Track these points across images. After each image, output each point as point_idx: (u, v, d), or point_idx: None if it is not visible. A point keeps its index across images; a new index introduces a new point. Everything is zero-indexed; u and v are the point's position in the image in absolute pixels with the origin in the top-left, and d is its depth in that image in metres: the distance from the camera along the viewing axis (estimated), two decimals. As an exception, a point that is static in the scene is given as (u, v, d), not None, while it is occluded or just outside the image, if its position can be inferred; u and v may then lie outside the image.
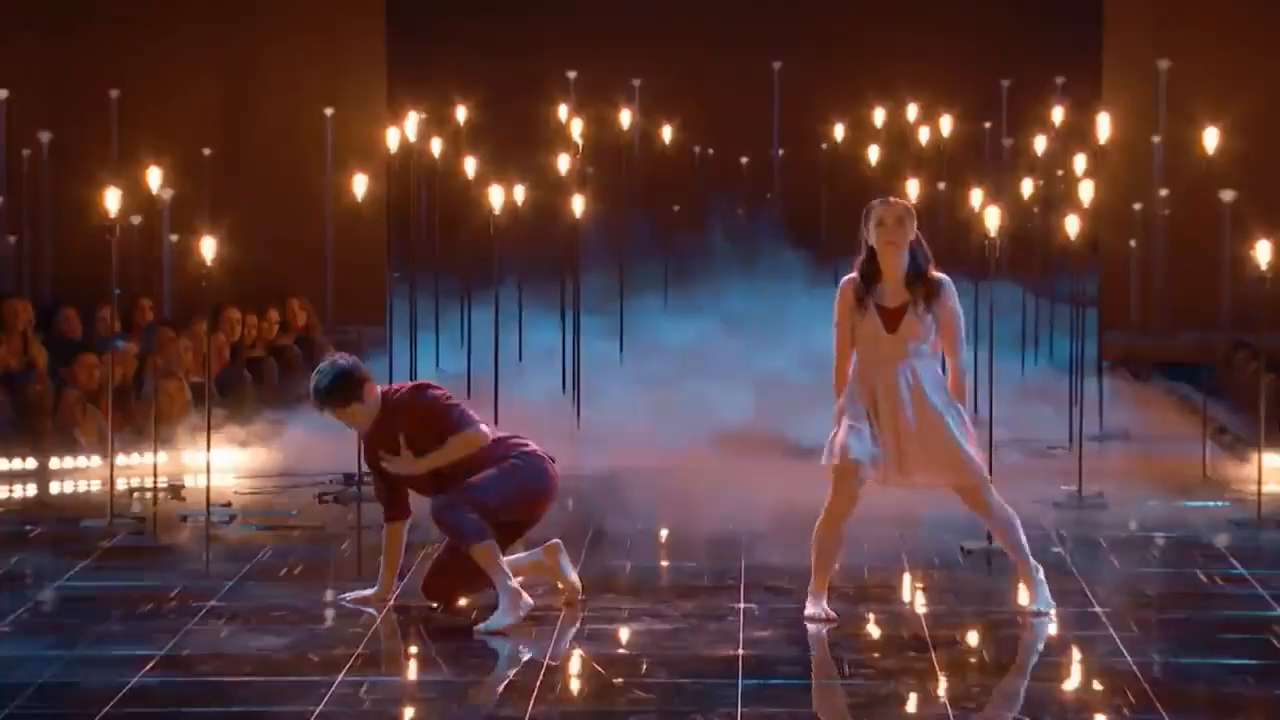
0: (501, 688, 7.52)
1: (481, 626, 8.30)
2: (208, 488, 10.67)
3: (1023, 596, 9.10)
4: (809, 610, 8.39)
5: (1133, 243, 16.85)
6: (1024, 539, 8.53)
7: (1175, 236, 16.68)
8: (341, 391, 8.63)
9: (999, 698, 7.39)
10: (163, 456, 11.29)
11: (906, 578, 9.40)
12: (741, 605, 8.72)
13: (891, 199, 8.53)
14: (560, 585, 8.85)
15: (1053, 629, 8.55)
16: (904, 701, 7.37)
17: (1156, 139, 16.71)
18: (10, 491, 11.71)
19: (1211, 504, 11.24)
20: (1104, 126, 13.90)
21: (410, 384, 8.96)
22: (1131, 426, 13.68)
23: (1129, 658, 7.89)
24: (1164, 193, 16.70)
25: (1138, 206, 16.74)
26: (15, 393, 12.60)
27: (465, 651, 8.12)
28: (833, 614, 8.39)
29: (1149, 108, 16.57)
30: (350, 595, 8.87)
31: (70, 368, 12.95)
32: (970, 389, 8.70)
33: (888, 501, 11.01)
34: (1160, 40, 16.58)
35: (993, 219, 10.84)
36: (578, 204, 14.18)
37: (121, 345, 12.53)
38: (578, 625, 8.44)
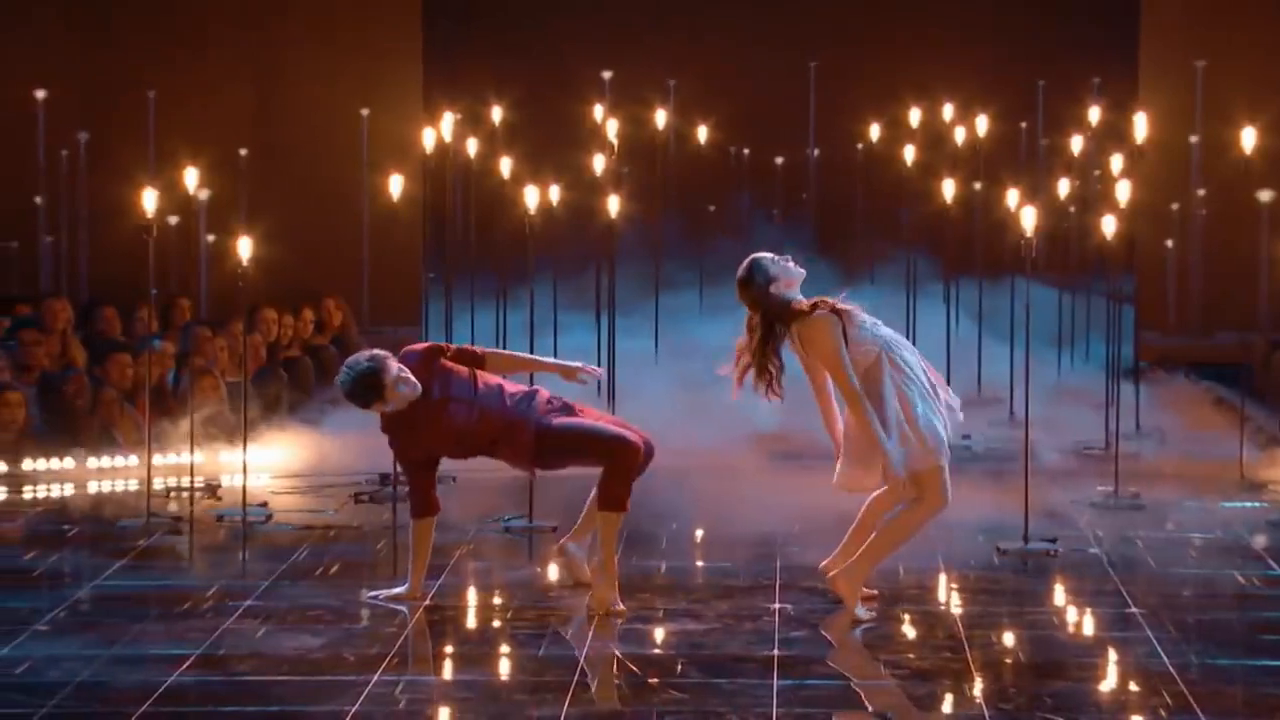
0: (536, 687, 7.52)
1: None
2: (244, 487, 10.69)
3: (1059, 597, 9.08)
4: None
5: (1170, 243, 16.80)
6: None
7: (1212, 236, 16.63)
8: (360, 397, 8.64)
9: (1035, 698, 7.38)
10: (199, 456, 11.32)
11: (942, 578, 9.38)
12: (777, 606, 8.71)
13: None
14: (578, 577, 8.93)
15: (1089, 629, 8.53)
16: (940, 702, 7.36)
17: (1194, 139, 16.65)
18: (49, 491, 11.75)
19: (1248, 504, 11.20)
20: (1141, 126, 13.85)
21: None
22: (1168, 427, 13.63)
23: (1166, 658, 7.87)
24: (1201, 193, 16.64)
25: (1175, 206, 16.69)
26: (54, 392, 12.65)
27: (500, 651, 8.13)
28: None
29: (1186, 107, 16.52)
30: (382, 593, 8.88)
31: (104, 367, 13.00)
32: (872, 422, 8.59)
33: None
34: (1197, 40, 16.53)
35: (1029, 219, 10.80)
36: (613, 204, 14.17)
37: (158, 345, 12.57)
38: (613, 625, 8.44)
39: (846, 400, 8.37)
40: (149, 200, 10.78)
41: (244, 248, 10.55)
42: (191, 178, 12.88)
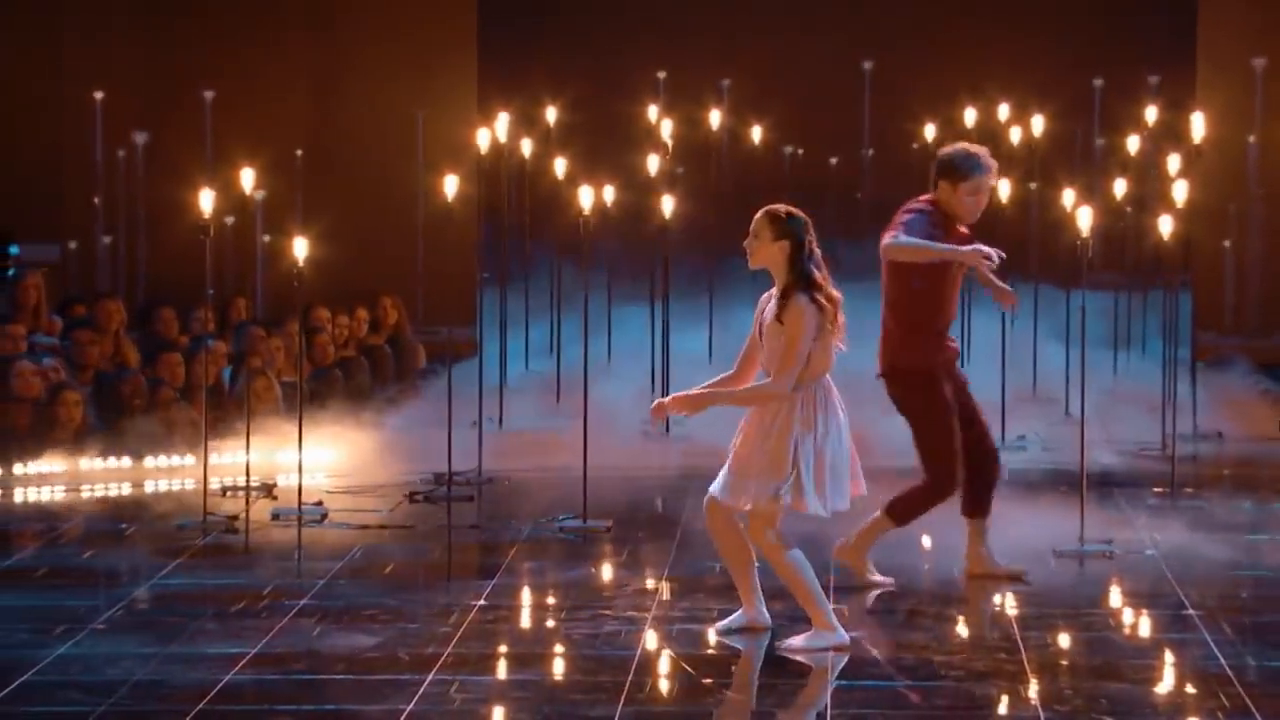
0: (591, 687, 7.53)
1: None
2: (299, 487, 10.73)
3: (1115, 598, 9.05)
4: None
5: (1227, 243, 16.71)
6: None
7: (1270, 237, 16.52)
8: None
9: (1091, 700, 7.35)
10: (255, 456, 11.36)
11: (996, 579, 9.35)
12: (832, 606, 8.70)
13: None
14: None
15: (1145, 631, 8.49)
16: (995, 703, 7.34)
17: (1251, 139, 16.55)
18: (106, 490, 11.82)
19: (1307, 506, 11.13)
20: (1198, 126, 13.79)
21: None
22: (1225, 428, 13.56)
23: (1222, 660, 7.83)
24: (1259, 192, 16.55)
25: (1232, 206, 16.60)
26: (110, 392, 12.72)
27: (554, 651, 8.14)
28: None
29: (1244, 107, 16.42)
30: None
31: (154, 367, 13.06)
32: (754, 398, 8.05)
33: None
34: (1256, 38, 16.43)
35: (1085, 219, 10.76)
36: (667, 204, 14.18)
37: (211, 344, 12.63)
38: (667, 625, 8.45)
39: (777, 379, 7.94)
40: (206, 201, 10.82)
41: (300, 248, 10.59)
42: (248, 178, 12.93)
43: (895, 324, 8.95)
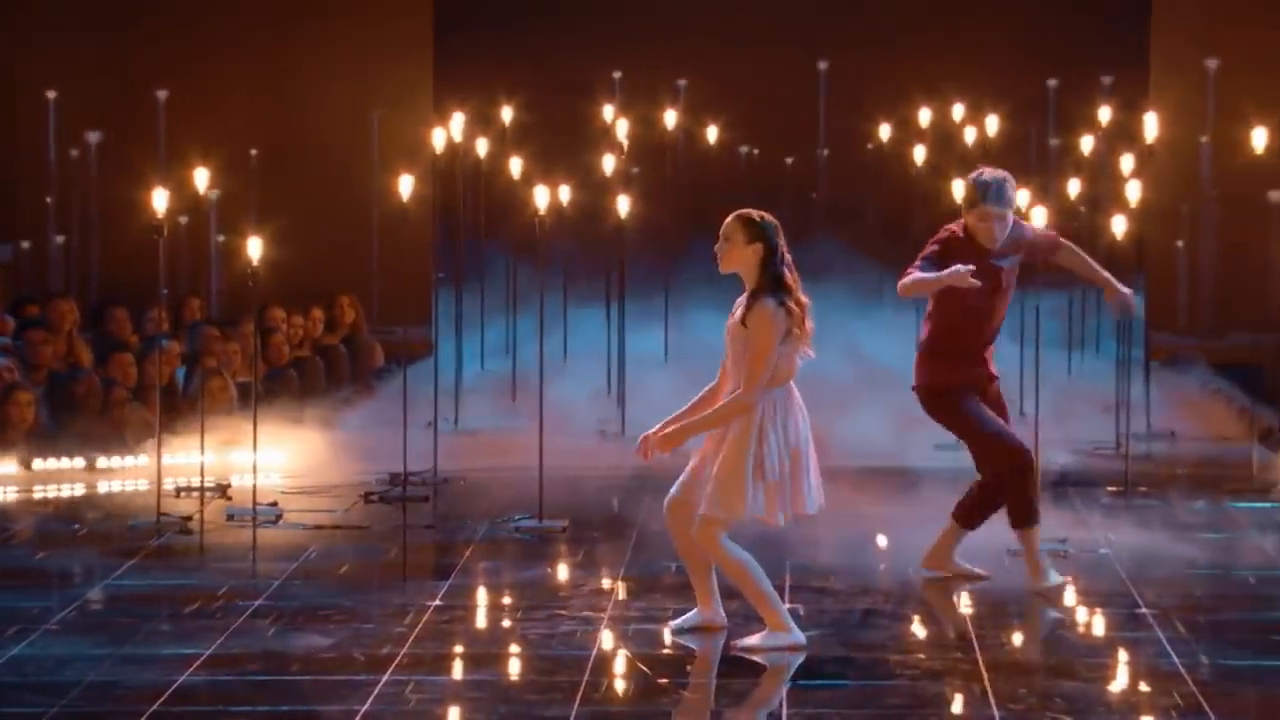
0: (547, 687, 7.52)
1: None
2: (254, 487, 10.70)
3: (1070, 597, 9.08)
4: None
5: (1180, 243, 16.78)
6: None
7: (1223, 237, 16.60)
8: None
9: (1045, 698, 7.37)
10: (209, 456, 11.32)
11: (952, 578, 9.37)
12: (787, 606, 8.70)
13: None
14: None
15: (1100, 629, 8.52)
16: (950, 702, 7.36)
17: (1204, 139, 16.63)
18: (59, 490, 11.76)
19: (1259, 505, 11.18)
20: (1151, 126, 13.85)
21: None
22: (1179, 427, 13.62)
23: (1176, 659, 7.86)
24: (1212, 193, 16.62)
25: (1185, 206, 16.67)
26: (63, 392, 12.66)
27: (510, 651, 8.13)
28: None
29: (1197, 107, 16.49)
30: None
31: (106, 367, 13.01)
32: (730, 414, 7.93)
33: (931, 502, 11.00)
34: (1209, 39, 16.50)
35: (1039, 219, 10.80)
36: (623, 204, 14.18)
37: (165, 344, 12.58)
38: (623, 625, 8.44)
39: (743, 389, 7.87)
40: (159, 200, 10.78)
41: (254, 248, 10.56)
42: (202, 178, 12.88)
43: (920, 344, 8.99)
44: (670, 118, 16.46)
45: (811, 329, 8.04)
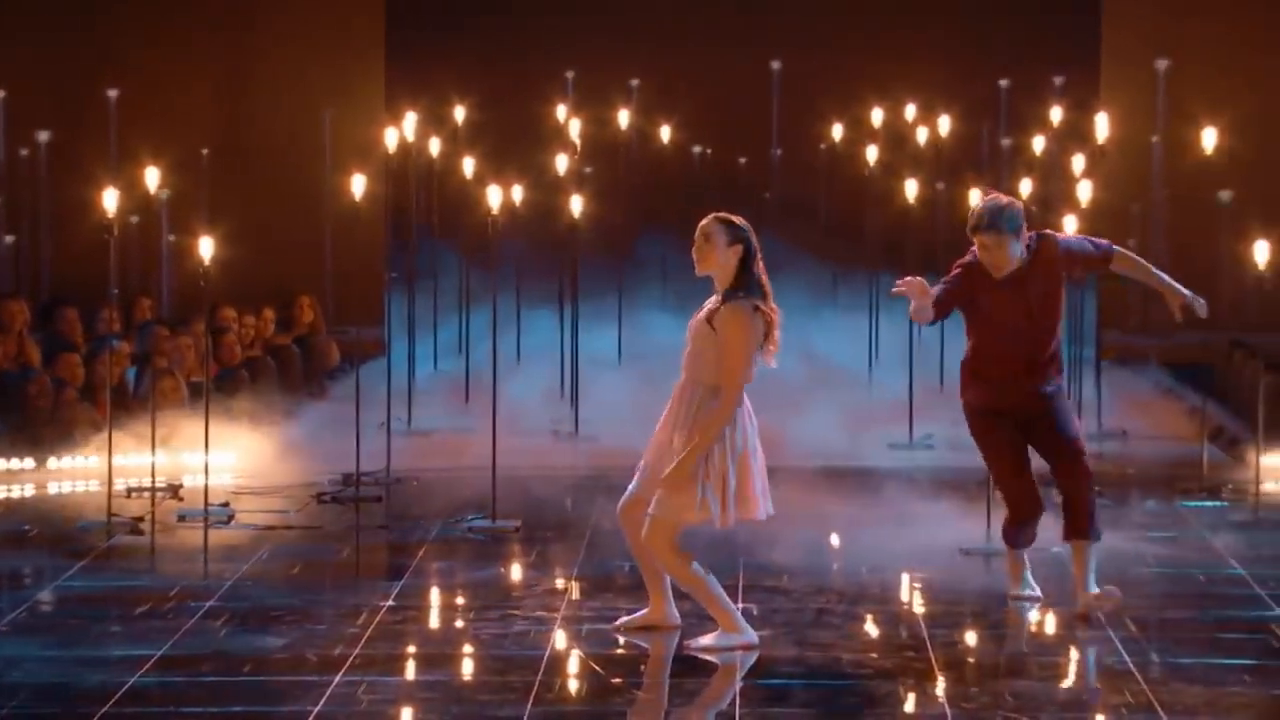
0: (499, 687, 7.52)
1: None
2: (206, 488, 10.66)
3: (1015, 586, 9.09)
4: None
5: (1131, 242, 16.84)
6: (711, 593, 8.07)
7: (1174, 237, 16.68)
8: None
9: (997, 697, 7.39)
10: (160, 456, 11.28)
11: (904, 578, 9.40)
12: (740, 605, 8.71)
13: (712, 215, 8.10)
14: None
15: (1051, 628, 8.55)
16: (902, 701, 7.37)
17: (1155, 139, 16.71)
18: (8, 491, 11.70)
19: (1210, 504, 11.24)
20: (1102, 126, 13.91)
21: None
22: (1130, 426, 13.67)
23: (1127, 658, 7.89)
24: (1162, 192, 16.69)
25: (1136, 206, 16.75)
26: (13, 392, 12.60)
27: (463, 651, 8.12)
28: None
29: (1148, 107, 16.57)
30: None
31: (54, 367, 12.95)
32: (720, 424, 7.87)
33: (884, 501, 11.03)
34: (1159, 40, 16.58)
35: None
36: (576, 204, 14.18)
37: (115, 344, 12.53)
38: (576, 625, 8.44)
39: (723, 398, 7.85)
40: (110, 200, 10.74)
41: (206, 247, 10.52)
42: (153, 177, 12.83)
43: (962, 360, 8.87)
44: (623, 117, 16.47)
45: (778, 341, 8.02)
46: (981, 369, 8.59)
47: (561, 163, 14.96)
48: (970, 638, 8.33)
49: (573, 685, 7.62)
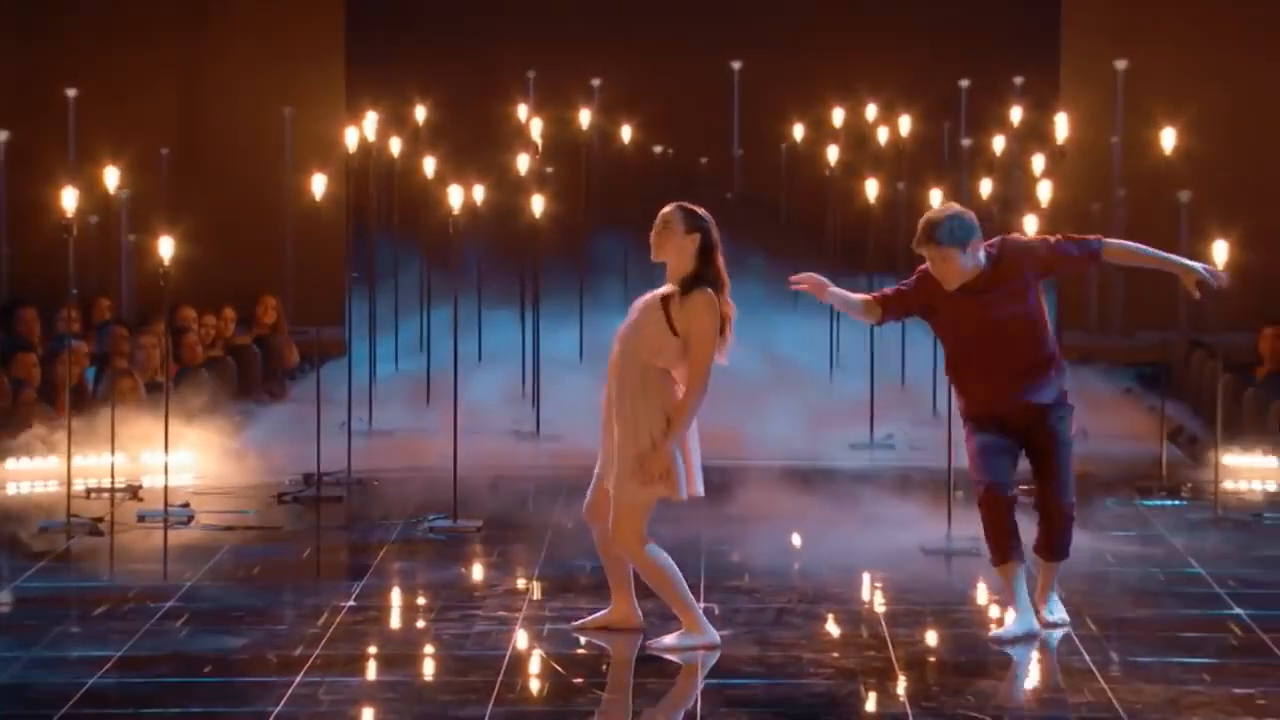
0: (460, 688, 7.51)
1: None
2: (165, 488, 10.63)
3: (982, 595, 9.13)
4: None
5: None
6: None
7: (1133, 236, 16.70)
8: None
9: (957, 696, 7.41)
10: (120, 457, 11.24)
11: (866, 577, 9.41)
12: (701, 605, 8.71)
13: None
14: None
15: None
16: (864, 700, 7.38)
17: (1114, 139, 16.77)
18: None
19: (1169, 503, 11.28)
20: (1062, 126, 13.94)
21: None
22: (1090, 426, 13.71)
23: (1087, 656, 7.91)
24: (1122, 193, 16.76)
25: (1096, 206, 16.81)
26: (-30, 393, 12.54)
27: (424, 651, 8.11)
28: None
29: (1107, 108, 16.63)
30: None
31: (8, 367, 12.89)
32: (693, 412, 7.88)
33: (846, 501, 11.04)
34: (1118, 41, 16.64)
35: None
36: (537, 204, 14.17)
37: (73, 344, 12.48)
38: (538, 625, 8.43)
39: (693, 385, 7.87)
40: (69, 199, 10.70)
41: (165, 247, 10.49)
42: (112, 177, 12.79)
43: None
44: (585, 117, 16.47)
45: (731, 339, 8.02)
46: (960, 379, 8.40)
47: (523, 163, 14.95)
48: (931, 637, 8.34)
49: (534, 685, 7.62)
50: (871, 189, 14.74)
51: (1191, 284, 8.56)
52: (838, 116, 16.42)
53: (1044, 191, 13.28)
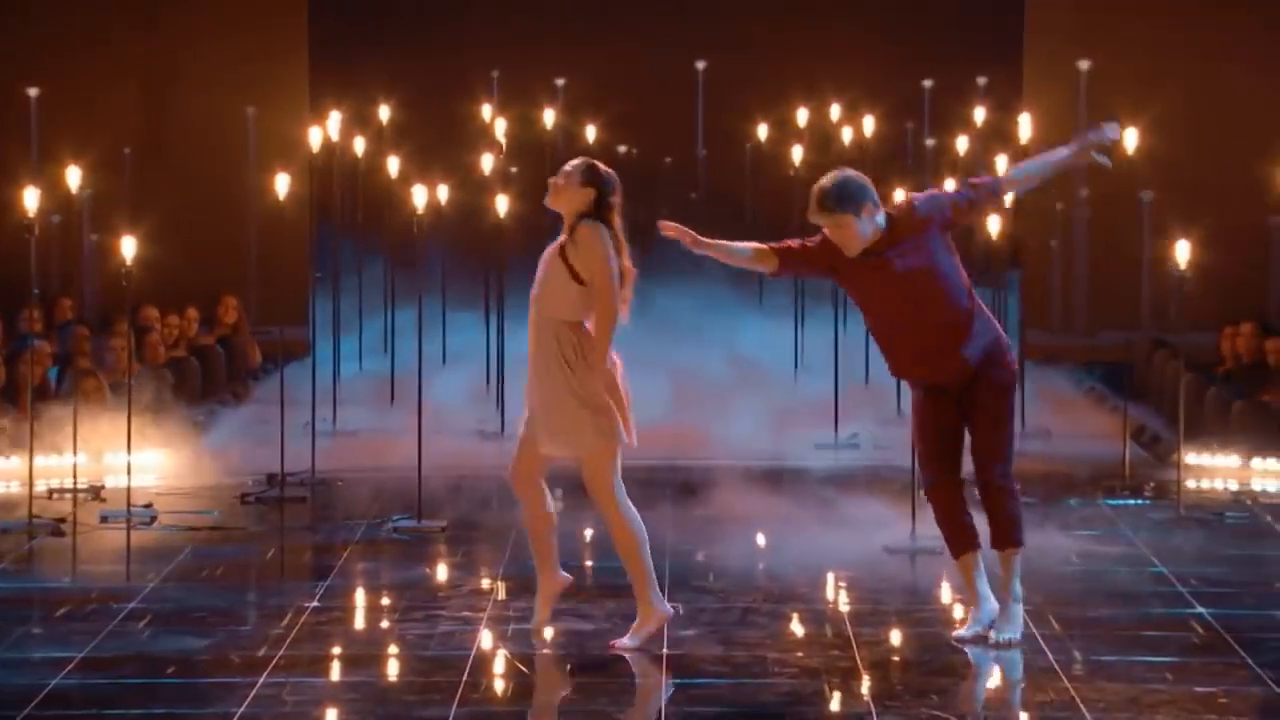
0: (424, 688, 7.50)
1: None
2: (128, 488, 10.59)
3: (946, 595, 9.14)
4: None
5: (1054, 243, 16.96)
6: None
7: (1096, 237, 16.79)
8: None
9: (921, 695, 7.42)
10: (83, 457, 11.20)
11: (830, 576, 9.42)
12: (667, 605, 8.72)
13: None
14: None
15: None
16: (828, 700, 7.39)
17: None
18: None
19: (1132, 502, 11.32)
20: (1025, 127, 13.98)
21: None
22: (1053, 425, 13.75)
23: (1050, 655, 7.93)
24: (1085, 193, 16.81)
25: (1059, 206, 16.86)
26: (-68, 393, 12.48)
27: (388, 652, 8.09)
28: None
29: (1070, 108, 16.67)
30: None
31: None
32: (608, 332, 7.88)
33: (811, 501, 11.05)
34: (1081, 41, 16.69)
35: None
36: (501, 203, 14.16)
37: (35, 344, 12.44)
38: (502, 625, 8.43)
39: (602, 309, 7.87)
40: (31, 199, 10.66)
41: (128, 247, 10.46)
42: (74, 176, 12.74)
43: None
44: (549, 117, 16.46)
45: (629, 296, 8.02)
46: (881, 343, 8.25)
47: (487, 162, 14.94)
48: (895, 636, 8.35)
49: (498, 685, 7.61)
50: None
51: (1093, 154, 8.28)
52: (802, 116, 16.44)
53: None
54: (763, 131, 17.05)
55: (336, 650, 8.09)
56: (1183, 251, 11.05)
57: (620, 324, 7.95)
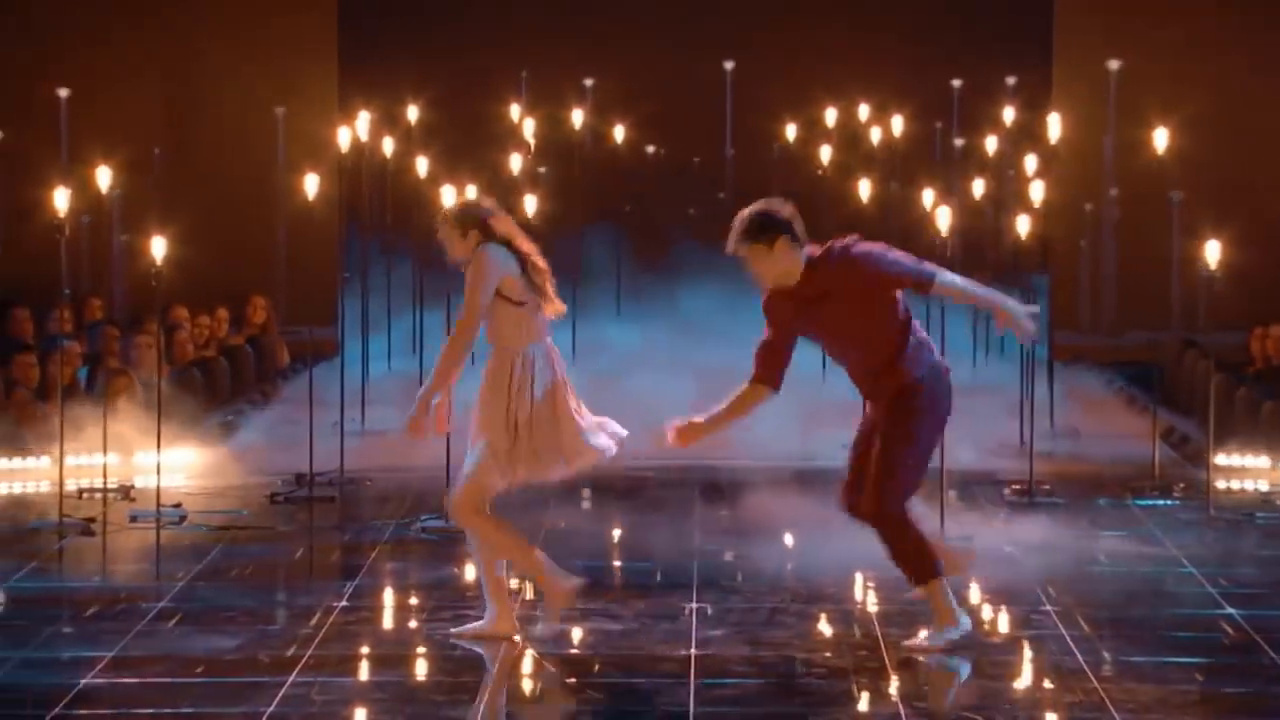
0: (452, 688, 7.51)
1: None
2: (158, 488, 10.62)
3: (975, 595, 9.13)
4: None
5: (1083, 243, 16.93)
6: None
7: (1125, 237, 16.76)
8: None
9: (950, 696, 7.41)
10: (113, 457, 11.23)
11: (858, 576, 9.41)
12: (694, 605, 8.72)
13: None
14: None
15: (1004, 627, 8.58)
16: (856, 700, 7.39)
17: (1107, 139, 16.78)
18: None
19: (1161, 503, 11.29)
20: (1055, 127, 13.96)
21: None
22: (1082, 425, 13.72)
23: (1079, 656, 7.92)
24: (1114, 193, 16.78)
25: (1088, 206, 16.83)
26: (-36, 393, 12.53)
27: (416, 652, 8.11)
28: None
29: (1100, 108, 16.65)
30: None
31: (7, 368, 12.88)
32: (447, 361, 8.21)
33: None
34: (1111, 41, 16.66)
35: (944, 219, 10.86)
36: (530, 203, 14.17)
37: (66, 344, 12.47)
38: (530, 626, 8.43)
39: (460, 337, 8.16)
40: (61, 199, 10.69)
41: (158, 247, 10.48)
42: (104, 177, 12.78)
43: None
44: (577, 117, 16.47)
45: (553, 291, 8.22)
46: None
47: (515, 162, 14.95)
48: (923, 636, 8.33)
49: (526, 685, 7.62)
50: (864, 189, 14.74)
51: (1001, 322, 8.02)
52: (830, 116, 16.43)
53: (1036, 191, 13.29)
54: (791, 131, 17.04)
55: (365, 650, 8.11)
56: (1212, 251, 11.02)
57: (558, 317, 8.18)
